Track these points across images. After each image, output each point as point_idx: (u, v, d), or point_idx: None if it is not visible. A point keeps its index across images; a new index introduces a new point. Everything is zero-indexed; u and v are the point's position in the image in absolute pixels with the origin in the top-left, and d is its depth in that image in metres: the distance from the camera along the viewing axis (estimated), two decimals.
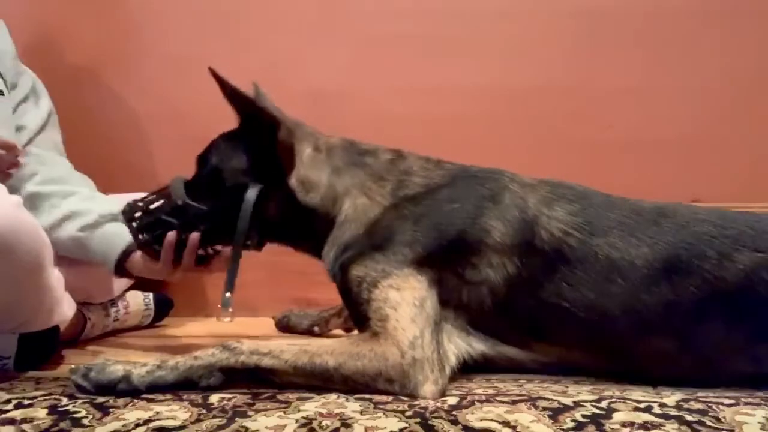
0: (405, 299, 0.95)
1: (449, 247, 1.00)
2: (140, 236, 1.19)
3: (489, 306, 0.99)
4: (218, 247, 1.23)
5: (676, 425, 0.75)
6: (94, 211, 1.30)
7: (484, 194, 1.03)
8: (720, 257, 0.94)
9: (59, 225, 1.28)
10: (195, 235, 1.14)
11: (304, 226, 1.12)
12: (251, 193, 1.08)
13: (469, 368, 0.99)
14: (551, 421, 0.77)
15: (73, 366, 0.92)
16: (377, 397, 0.86)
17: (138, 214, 1.19)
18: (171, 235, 1.15)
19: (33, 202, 1.28)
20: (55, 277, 1.13)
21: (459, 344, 0.99)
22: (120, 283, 1.49)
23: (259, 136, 1.10)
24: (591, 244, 0.98)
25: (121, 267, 1.28)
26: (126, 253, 1.27)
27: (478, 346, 1.00)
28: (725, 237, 0.96)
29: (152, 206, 1.19)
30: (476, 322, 1.00)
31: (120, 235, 1.27)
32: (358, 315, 1.01)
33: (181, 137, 1.71)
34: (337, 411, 0.80)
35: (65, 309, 1.21)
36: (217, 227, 1.14)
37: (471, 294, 1.00)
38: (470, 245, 0.99)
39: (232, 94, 1.09)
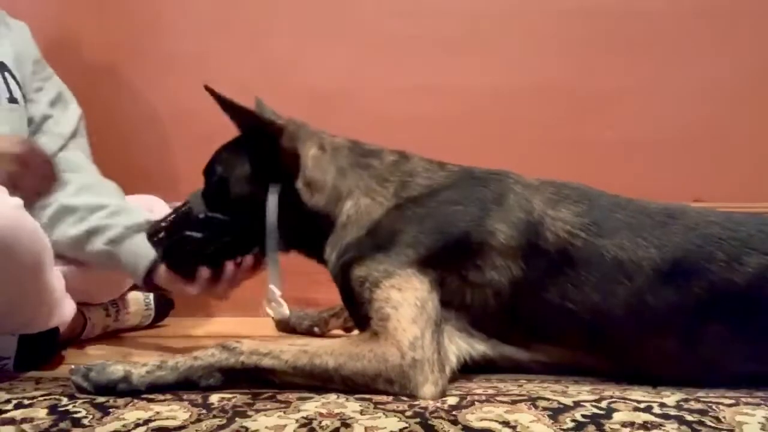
0: (407, 300, 0.95)
1: (452, 248, 0.99)
2: (166, 257, 1.19)
3: (492, 307, 0.99)
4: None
5: (676, 425, 0.75)
6: (119, 224, 1.28)
7: (488, 196, 1.03)
8: (729, 259, 0.93)
9: (87, 239, 1.28)
10: (249, 259, 1.16)
11: (310, 230, 1.11)
12: (272, 199, 1.08)
13: (469, 368, 0.99)
14: (551, 421, 0.76)
15: (73, 366, 0.92)
16: (377, 397, 0.86)
17: (162, 234, 1.18)
18: (205, 272, 1.17)
19: (61, 215, 1.28)
20: (56, 278, 1.13)
21: (460, 345, 0.98)
22: (121, 284, 1.49)
23: (261, 144, 1.10)
24: (597, 245, 0.97)
25: (149, 280, 1.27)
26: (152, 267, 1.25)
27: (479, 346, 1.00)
28: (734, 239, 0.95)
29: (174, 224, 1.17)
30: (478, 323, 1.00)
31: (148, 247, 1.24)
32: (358, 315, 1.01)
33: (186, 137, 1.72)
34: (337, 411, 0.79)
35: (65, 310, 1.21)
36: (241, 236, 1.13)
37: (474, 295, 0.99)
38: (474, 247, 0.99)
39: (232, 109, 1.08)
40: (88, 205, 1.30)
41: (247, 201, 1.10)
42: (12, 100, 1.30)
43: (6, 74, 1.31)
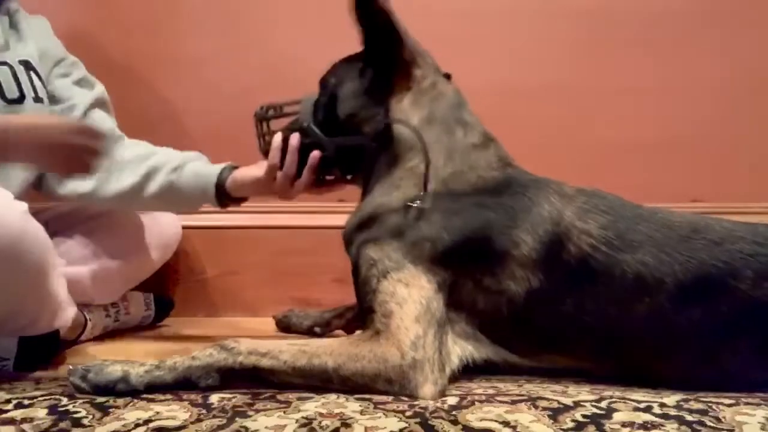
0: (412, 296, 0.94)
1: (471, 252, 0.98)
2: (263, 141, 1.20)
3: (504, 315, 0.98)
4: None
5: (676, 425, 0.75)
6: (176, 157, 1.29)
7: (520, 205, 1.00)
8: (756, 277, 0.91)
9: (146, 181, 1.28)
10: (316, 153, 1.14)
11: (381, 160, 1.10)
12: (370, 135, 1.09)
13: (470, 369, 0.99)
14: (551, 421, 0.77)
15: (71, 367, 0.92)
16: (377, 397, 0.86)
17: (266, 122, 1.19)
18: (294, 139, 1.14)
19: (114, 170, 1.29)
20: (59, 282, 1.13)
21: (465, 347, 0.98)
22: (120, 286, 1.49)
23: (378, 54, 1.09)
24: (618, 260, 0.94)
25: (222, 192, 1.23)
26: (224, 177, 1.22)
27: (484, 351, 0.99)
28: (762, 255, 0.92)
29: (279, 117, 1.18)
30: (488, 328, 0.99)
31: (212, 166, 1.21)
32: (363, 301, 1.00)
33: (187, 137, 1.72)
34: (337, 411, 0.80)
35: (67, 313, 1.20)
36: (337, 156, 1.15)
37: (487, 301, 0.98)
38: (495, 255, 0.97)
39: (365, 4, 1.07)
40: (139, 155, 1.31)
41: (352, 124, 1.11)
42: (37, 99, 1.30)
43: (31, 73, 1.31)
